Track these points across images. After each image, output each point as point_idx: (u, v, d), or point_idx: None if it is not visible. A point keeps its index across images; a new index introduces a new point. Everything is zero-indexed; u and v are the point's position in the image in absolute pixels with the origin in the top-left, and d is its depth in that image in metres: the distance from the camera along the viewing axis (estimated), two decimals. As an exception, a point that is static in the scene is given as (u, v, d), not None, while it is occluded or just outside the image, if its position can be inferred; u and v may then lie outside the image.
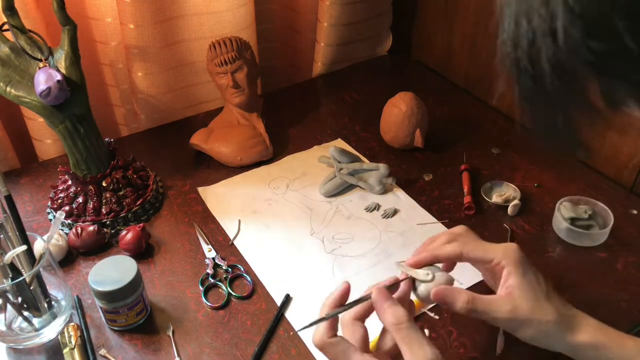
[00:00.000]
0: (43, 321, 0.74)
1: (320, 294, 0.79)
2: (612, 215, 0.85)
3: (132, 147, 1.06)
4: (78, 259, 0.86)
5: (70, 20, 0.79)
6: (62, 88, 0.78)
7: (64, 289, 0.76)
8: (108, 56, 1.06)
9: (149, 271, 0.83)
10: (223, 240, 0.88)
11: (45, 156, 1.06)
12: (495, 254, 0.61)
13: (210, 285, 0.81)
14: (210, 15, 1.07)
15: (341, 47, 1.25)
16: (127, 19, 1.00)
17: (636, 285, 0.79)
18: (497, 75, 0.35)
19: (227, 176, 1.00)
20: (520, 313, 0.58)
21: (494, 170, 1.00)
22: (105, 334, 0.75)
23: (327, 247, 0.87)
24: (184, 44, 1.09)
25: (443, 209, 0.93)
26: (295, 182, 0.99)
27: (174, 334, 0.75)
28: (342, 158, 0.97)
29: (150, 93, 1.09)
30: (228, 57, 0.99)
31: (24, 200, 0.95)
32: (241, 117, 1.05)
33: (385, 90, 1.15)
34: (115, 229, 0.89)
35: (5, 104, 1.02)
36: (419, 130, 1.01)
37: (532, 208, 0.92)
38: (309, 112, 1.16)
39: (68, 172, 0.89)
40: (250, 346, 0.73)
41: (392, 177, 0.96)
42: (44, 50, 0.81)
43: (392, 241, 0.87)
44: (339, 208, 0.94)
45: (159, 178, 0.99)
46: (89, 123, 0.85)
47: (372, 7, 1.24)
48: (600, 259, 0.83)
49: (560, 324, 0.59)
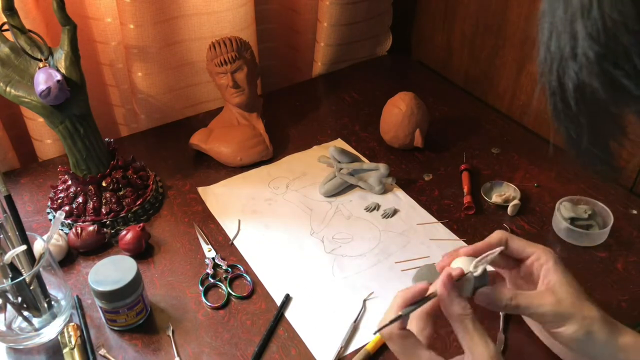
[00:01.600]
0: (43, 321, 0.74)
1: (320, 294, 0.80)
2: (612, 215, 0.85)
3: (132, 147, 1.06)
4: (78, 259, 0.86)
5: (70, 20, 0.79)
6: (62, 88, 0.78)
7: (63, 289, 0.76)
8: (108, 56, 1.06)
9: (149, 271, 0.83)
10: (223, 240, 0.88)
11: (45, 156, 1.07)
12: (536, 249, 0.61)
13: (210, 285, 0.81)
14: (210, 15, 1.07)
15: (341, 47, 1.25)
16: (127, 19, 1.00)
17: (636, 285, 0.79)
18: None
19: (227, 176, 1.00)
20: (565, 306, 0.57)
21: (494, 170, 1.00)
22: (105, 334, 0.75)
23: (327, 247, 0.87)
24: (184, 44, 1.09)
25: (443, 209, 0.93)
26: (295, 182, 0.99)
27: (174, 333, 0.75)
28: (342, 158, 0.97)
29: (150, 93, 1.09)
30: (228, 57, 0.99)
31: (24, 200, 0.95)
32: (241, 117, 1.05)
33: (385, 90, 1.15)
34: (115, 229, 0.89)
35: (5, 104, 1.02)
36: (419, 130, 1.01)
37: (532, 208, 0.92)
38: (309, 112, 1.16)
39: (68, 172, 0.89)
40: (250, 346, 0.73)
41: (392, 177, 0.96)
42: (44, 50, 0.81)
43: (392, 241, 0.87)
44: (338, 208, 0.94)
45: (159, 178, 0.99)
46: (89, 123, 0.85)
47: (372, 7, 1.24)
48: (600, 259, 0.83)
49: (604, 322, 0.58)
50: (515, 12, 1.07)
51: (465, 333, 0.53)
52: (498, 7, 1.10)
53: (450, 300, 0.55)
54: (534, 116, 1.10)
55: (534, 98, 0.34)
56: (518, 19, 1.06)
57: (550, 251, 0.62)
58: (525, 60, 1.08)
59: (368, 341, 0.73)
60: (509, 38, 1.10)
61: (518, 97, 1.12)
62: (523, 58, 1.08)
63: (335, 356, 0.71)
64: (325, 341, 0.73)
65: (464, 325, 0.54)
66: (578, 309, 0.57)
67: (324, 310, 0.78)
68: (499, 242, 0.62)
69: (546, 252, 0.61)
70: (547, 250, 0.62)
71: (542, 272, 0.60)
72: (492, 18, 1.12)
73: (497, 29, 1.12)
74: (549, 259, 0.60)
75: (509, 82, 1.13)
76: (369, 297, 0.79)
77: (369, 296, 0.79)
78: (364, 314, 0.77)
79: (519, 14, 1.06)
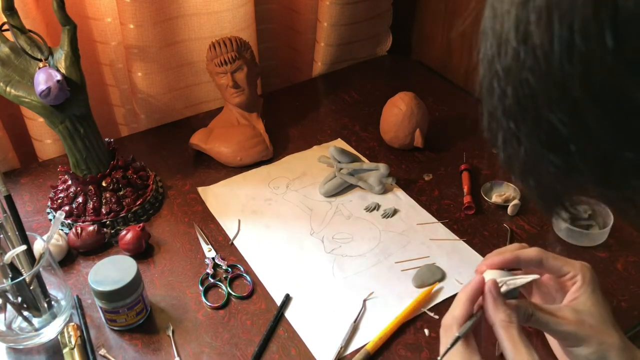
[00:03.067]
0: (43, 321, 0.74)
1: (320, 294, 0.80)
2: (612, 215, 0.85)
3: (132, 147, 1.06)
4: (78, 259, 0.86)
5: (70, 20, 0.79)
6: (62, 88, 0.78)
7: (63, 289, 0.76)
8: (108, 56, 1.06)
9: (149, 271, 0.83)
10: (223, 240, 0.88)
11: (45, 156, 1.06)
12: (573, 268, 0.60)
13: (210, 285, 0.81)
14: (210, 15, 1.07)
15: (341, 47, 1.25)
16: (127, 19, 1.00)
17: (636, 285, 0.79)
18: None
19: (227, 176, 1.00)
20: (584, 328, 0.56)
21: (494, 170, 1.00)
22: (105, 334, 0.75)
23: (327, 247, 0.87)
24: (184, 44, 1.09)
25: (443, 209, 0.93)
26: (295, 182, 0.99)
27: (174, 333, 0.75)
28: (342, 158, 0.97)
29: (150, 93, 1.09)
30: (228, 57, 0.99)
31: (24, 200, 0.95)
32: (241, 117, 1.05)
33: (385, 90, 1.15)
34: (115, 229, 0.89)
35: (5, 104, 1.02)
36: (419, 130, 1.01)
37: (532, 208, 0.92)
38: (309, 112, 1.16)
39: (68, 172, 0.89)
40: (250, 346, 0.73)
41: (392, 177, 0.96)
42: (44, 50, 0.81)
43: (392, 241, 0.87)
44: (338, 208, 0.94)
45: (158, 178, 0.99)
46: (89, 123, 0.85)
47: (372, 7, 1.24)
48: (600, 259, 0.83)
49: (624, 351, 0.56)
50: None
51: (510, 341, 0.52)
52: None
53: (497, 307, 0.54)
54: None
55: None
56: (518, 19, 1.06)
57: (586, 270, 0.59)
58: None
59: (368, 341, 0.73)
60: (509, 38, 1.09)
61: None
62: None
63: (335, 356, 0.71)
64: (325, 341, 0.73)
65: (509, 333, 0.53)
66: (597, 333, 0.56)
67: (324, 310, 0.78)
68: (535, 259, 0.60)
69: (583, 270, 0.59)
70: (583, 269, 0.59)
71: (572, 289, 0.59)
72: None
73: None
74: (582, 278, 0.59)
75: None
76: (369, 297, 0.79)
77: (369, 296, 0.79)
78: (364, 314, 0.77)
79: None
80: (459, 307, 0.55)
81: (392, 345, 0.73)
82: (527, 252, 0.60)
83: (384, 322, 0.74)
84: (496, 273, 0.58)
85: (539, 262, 0.60)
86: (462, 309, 0.55)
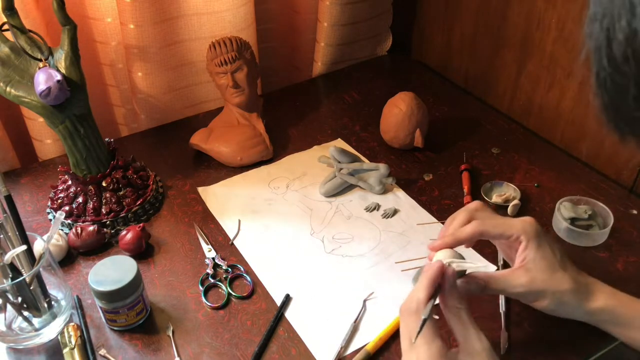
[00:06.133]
0: (43, 321, 0.74)
1: (320, 294, 0.80)
2: (612, 215, 0.85)
3: (132, 147, 1.06)
4: (78, 259, 0.86)
5: (70, 20, 0.79)
6: (62, 88, 0.78)
7: (64, 289, 0.76)
8: (108, 56, 1.06)
9: (149, 271, 0.83)
10: (223, 240, 0.88)
11: (45, 156, 1.07)
12: (514, 230, 0.63)
13: (210, 285, 0.81)
14: (210, 15, 1.07)
15: (341, 47, 1.25)
16: (127, 19, 1.00)
17: (636, 285, 0.79)
18: None
19: (227, 176, 1.00)
20: (537, 284, 0.61)
21: (494, 170, 1.00)
22: (105, 334, 0.75)
23: (327, 247, 0.87)
24: (184, 44, 1.09)
25: (443, 209, 0.93)
26: (295, 182, 0.99)
27: (174, 333, 0.75)
28: (342, 158, 0.97)
29: (150, 93, 1.09)
30: (228, 57, 0.99)
31: (24, 200, 0.95)
32: (241, 117, 1.05)
33: (385, 90, 1.15)
34: (115, 229, 0.89)
35: (5, 104, 1.02)
36: (419, 130, 1.01)
37: (532, 208, 0.92)
38: (309, 112, 1.16)
39: (68, 172, 0.89)
40: (250, 346, 0.73)
41: (392, 177, 0.96)
42: (44, 50, 0.81)
43: (392, 241, 0.87)
44: (339, 208, 0.94)
45: (159, 178, 0.99)
46: (89, 123, 0.85)
47: (372, 7, 1.24)
48: (600, 259, 0.83)
49: (576, 292, 0.62)
50: (515, 12, 1.06)
51: (460, 324, 0.56)
52: (498, 7, 1.10)
53: (452, 290, 0.57)
54: (534, 116, 1.10)
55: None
56: (518, 19, 1.06)
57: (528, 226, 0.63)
58: (526, 60, 1.08)
59: (368, 341, 0.73)
60: (509, 38, 1.09)
61: (518, 97, 1.12)
62: (523, 58, 1.08)
63: (335, 356, 0.71)
64: (325, 341, 0.73)
65: (459, 316, 0.56)
66: (550, 285, 0.61)
67: (324, 310, 0.78)
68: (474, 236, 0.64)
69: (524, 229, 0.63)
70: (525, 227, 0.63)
71: (519, 250, 0.63)
72: (492, 18, 1.12)
73: (497, 29, 1.12)
74: (525, 237, 0.63)
75: (509, 82, 1.13)
76: (369, 297, 0.79)
77: (369, 296, 0.79)
78: (364, 314, 0.77)
79: (519, 14, 1.06)
80: (422, 291, 0.57)
81: (392, 345, 0.73)
82: (466, 231, 0.64)
83: (384, 322, 0.74)
84: (447, 253, 0.62)
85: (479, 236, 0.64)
86: (425, 292, 0.57)
